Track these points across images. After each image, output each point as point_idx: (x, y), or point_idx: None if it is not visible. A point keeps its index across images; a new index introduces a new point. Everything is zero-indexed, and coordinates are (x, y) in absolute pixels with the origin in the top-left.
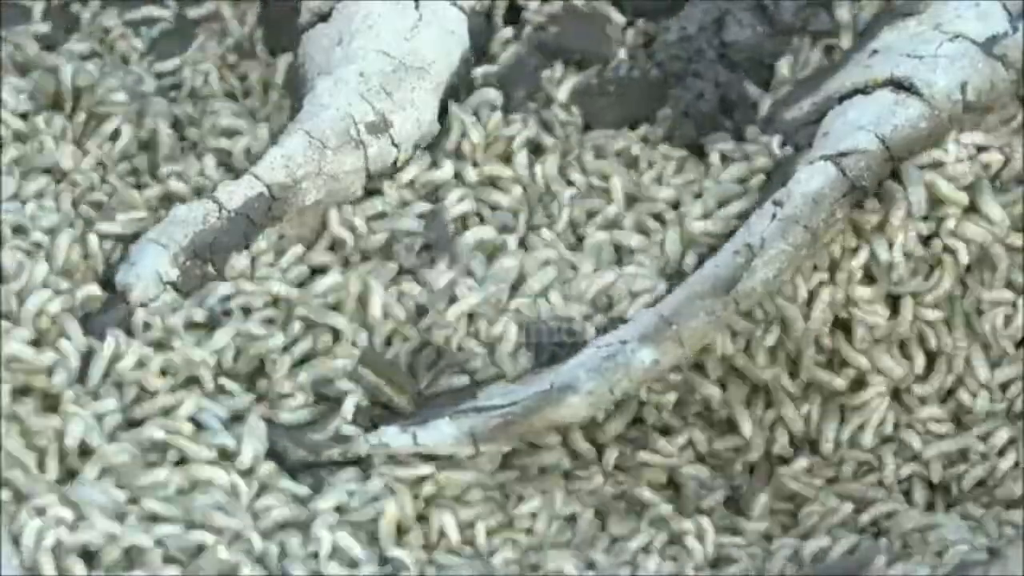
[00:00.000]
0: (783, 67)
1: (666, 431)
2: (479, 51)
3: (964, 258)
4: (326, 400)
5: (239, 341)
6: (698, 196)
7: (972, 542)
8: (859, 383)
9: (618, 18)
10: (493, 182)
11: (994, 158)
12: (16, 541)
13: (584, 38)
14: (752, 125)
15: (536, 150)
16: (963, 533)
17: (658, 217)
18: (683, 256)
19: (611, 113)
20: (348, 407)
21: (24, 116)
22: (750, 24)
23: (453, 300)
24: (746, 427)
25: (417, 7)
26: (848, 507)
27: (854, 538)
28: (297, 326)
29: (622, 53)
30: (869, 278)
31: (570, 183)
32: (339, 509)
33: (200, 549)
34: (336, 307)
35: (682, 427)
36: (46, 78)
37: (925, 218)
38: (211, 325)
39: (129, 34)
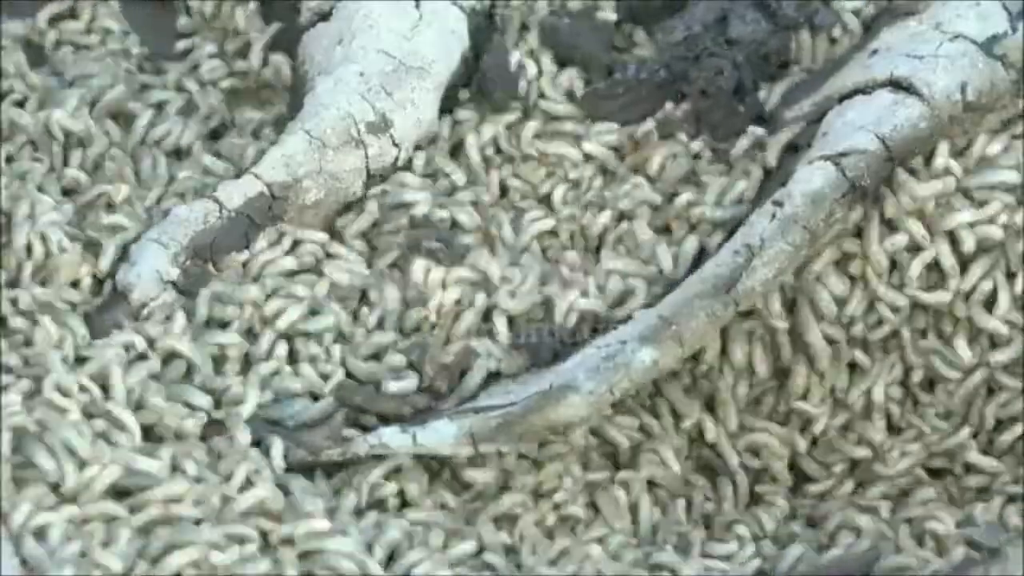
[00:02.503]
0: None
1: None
2: (479, 52)
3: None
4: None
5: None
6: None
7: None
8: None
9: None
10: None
11: None
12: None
13: (583, 41)
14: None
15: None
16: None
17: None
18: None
19: (620, 115)
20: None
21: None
22: (754, 20)
23: (459, 300)
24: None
25: (417, 7)
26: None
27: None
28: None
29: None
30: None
31: (577, 182)
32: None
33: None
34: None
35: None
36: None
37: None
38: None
39: (123, 34)
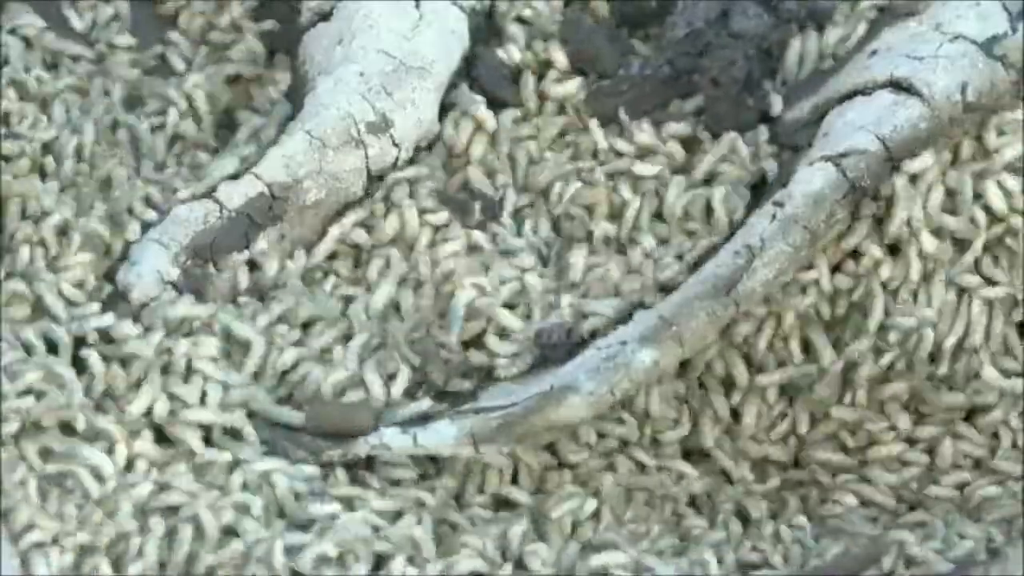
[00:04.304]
0: (790, 56)
1: None
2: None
3: None
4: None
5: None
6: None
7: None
8: None
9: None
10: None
11: None
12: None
13: (597, 39)
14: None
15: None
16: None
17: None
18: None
19: (625, 112)
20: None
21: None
22: (756, 14)
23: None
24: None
25: (418, 7)
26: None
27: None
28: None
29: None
30: None
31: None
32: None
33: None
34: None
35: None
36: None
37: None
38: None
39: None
